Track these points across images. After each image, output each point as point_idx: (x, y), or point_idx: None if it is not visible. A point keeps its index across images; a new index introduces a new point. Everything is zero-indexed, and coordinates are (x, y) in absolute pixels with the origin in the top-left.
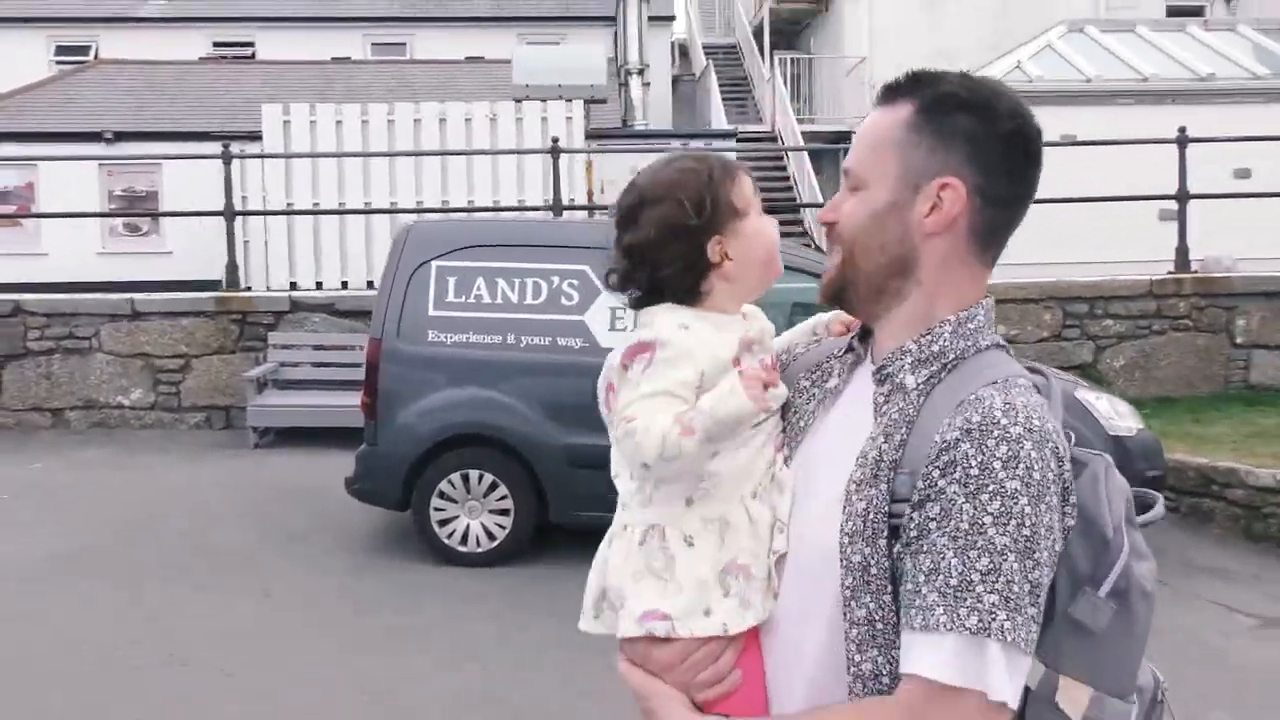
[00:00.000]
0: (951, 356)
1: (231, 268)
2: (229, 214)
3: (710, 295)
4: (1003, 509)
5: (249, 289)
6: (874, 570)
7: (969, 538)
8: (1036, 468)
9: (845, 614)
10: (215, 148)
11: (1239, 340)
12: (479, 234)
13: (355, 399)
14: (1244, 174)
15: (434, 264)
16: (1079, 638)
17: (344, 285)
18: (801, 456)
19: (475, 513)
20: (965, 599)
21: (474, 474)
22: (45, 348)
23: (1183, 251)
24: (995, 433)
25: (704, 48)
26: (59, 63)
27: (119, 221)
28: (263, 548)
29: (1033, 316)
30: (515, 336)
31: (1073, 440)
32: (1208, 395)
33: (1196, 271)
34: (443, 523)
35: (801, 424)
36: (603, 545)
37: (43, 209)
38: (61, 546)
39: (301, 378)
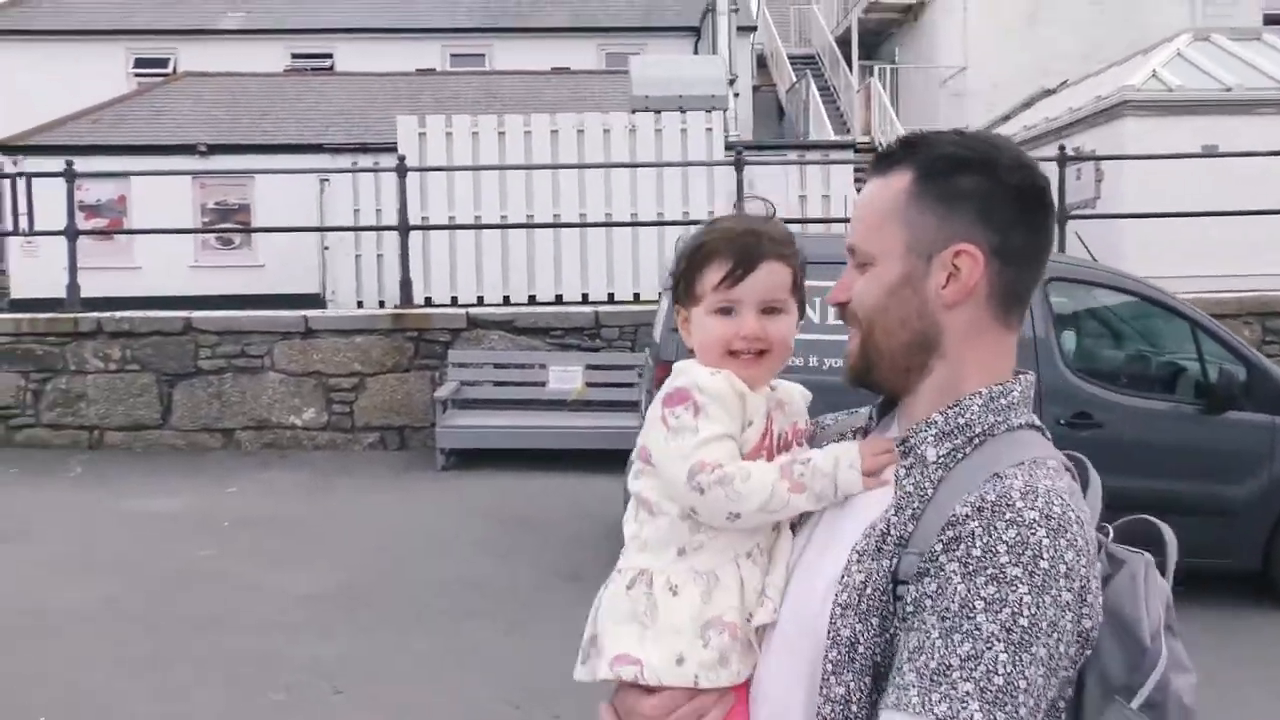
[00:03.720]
0: (978, 430)
1: (405, 284)
2: (403, 228)
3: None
4: (997, 594)
5: (421, 305)
6: (861, 648)
7: (955, 620)
8: (1046, 556)
9: (822, 689)
10: (314, 160)
11: None
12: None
13: (537, 419)
14: None
15: None
16: None
17: (505, 300)
18: (811, 530)
19: None
20: (940, 684)
21: None
22: (216, 366)
23: None
24: (1008, 514)
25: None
26: (137, 75)
27: (211, 235)
28: (542, 583)
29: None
30: (818, 359)
31: (1110, 536)
32: None
33: None
34: None
35: None
36: (600, 590)
37: (135, 223)
38: (324, 583)
39: (481, 397)
